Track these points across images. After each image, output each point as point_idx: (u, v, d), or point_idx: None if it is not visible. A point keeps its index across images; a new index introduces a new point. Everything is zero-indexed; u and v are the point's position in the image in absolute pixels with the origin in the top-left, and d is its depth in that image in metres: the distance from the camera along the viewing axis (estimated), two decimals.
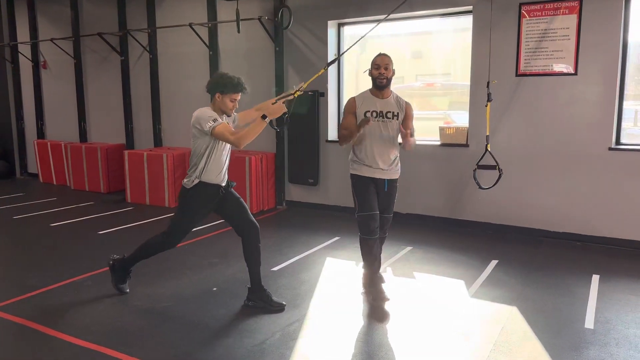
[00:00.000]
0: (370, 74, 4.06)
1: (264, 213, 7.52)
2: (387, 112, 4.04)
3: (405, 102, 4.14)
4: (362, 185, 4.08)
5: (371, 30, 4.54)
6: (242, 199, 4.09)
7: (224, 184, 3.97)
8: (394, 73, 4.06)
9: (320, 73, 4.24)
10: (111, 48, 9.10)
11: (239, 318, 3.94)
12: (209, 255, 5.46)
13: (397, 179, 4.20)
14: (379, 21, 4.60)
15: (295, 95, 3.91)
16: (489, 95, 5.43)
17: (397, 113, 4.07)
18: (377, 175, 4.07)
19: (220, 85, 3.77)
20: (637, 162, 5.55)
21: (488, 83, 5.48)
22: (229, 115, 3.94)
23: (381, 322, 3.82)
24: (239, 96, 3.84)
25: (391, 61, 4.03)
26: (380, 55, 4.04)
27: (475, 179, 5.45)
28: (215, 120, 3.70)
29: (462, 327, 3.76)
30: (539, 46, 5.87)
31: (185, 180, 3.93)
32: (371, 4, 6.76)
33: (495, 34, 6.00)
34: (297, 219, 7.21)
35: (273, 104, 3.77)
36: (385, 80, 4.00)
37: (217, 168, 3.88)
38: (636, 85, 6.01)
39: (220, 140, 3.77)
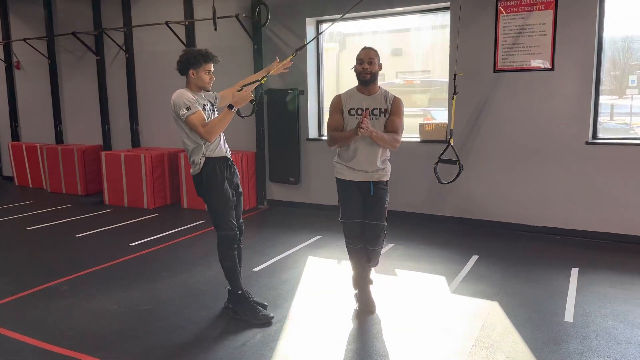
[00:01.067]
0: (355, 69, 3.83)
1: (245, 213, 7.44)
2: (373, 109, 3.80)
3: (394, 97, 3.85)
4: (344, 190, 3.88)
5: (346, 13, 4.47)
6: (242, 198, 4.00)
7: (229, 155, 3.88)
8: (380, 67, 3.83)
9: (289, 59, 4.07)
10: (86, 48, 8.93)
11: (219, 320, 3.88)
12: (189, 256, 5.39)
13: (385, 181, 3.89)
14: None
15: (262, 82, 3.89)
16: (454, 88, 5.46)
17: (385, 109, 3.81)
18: (360, 178, 3.81)
19: (191, 61, 3.69)
20: (613, 155, 5.62)
21: (455, 76, 5.51)
22: (207, 90, 3.84)
23: (364, 319, 3.80)
24: (211, 66, 3.77)
25: (377, 55, 3.79)
26: (364, 49, 3.81)
27: (436, 173, 5.48)
28: (189, 108, 3.60)
29: (444, 323, 3.76)
30: (516, 42, 5.91)
31: (192, 170, 3.80)
32: (350, 0, 6.71)
33: (473, 30, 6.03)
34: (279, 218, 7.16)
35: (238, 91, 3.66)
36: (369, 76, 3.73)
37: (216, 141, 3.77)
38: (612, 80, 6.10)
39: (191, 129, 3.67)
